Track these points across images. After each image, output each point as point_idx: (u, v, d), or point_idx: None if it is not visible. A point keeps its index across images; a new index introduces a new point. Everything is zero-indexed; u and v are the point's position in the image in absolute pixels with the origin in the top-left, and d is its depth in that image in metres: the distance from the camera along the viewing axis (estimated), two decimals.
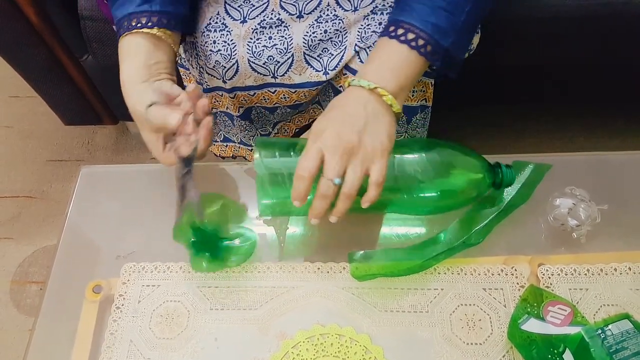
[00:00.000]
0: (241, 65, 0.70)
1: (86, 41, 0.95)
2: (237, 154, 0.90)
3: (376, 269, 0.58)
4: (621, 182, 0.66)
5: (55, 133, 1.41)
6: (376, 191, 0.53)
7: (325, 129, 0.53)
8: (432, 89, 0.76)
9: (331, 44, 0.70)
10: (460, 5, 0.58)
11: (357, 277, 0.58)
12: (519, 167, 0.64)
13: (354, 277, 0.58)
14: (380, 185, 0.53)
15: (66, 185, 1.33)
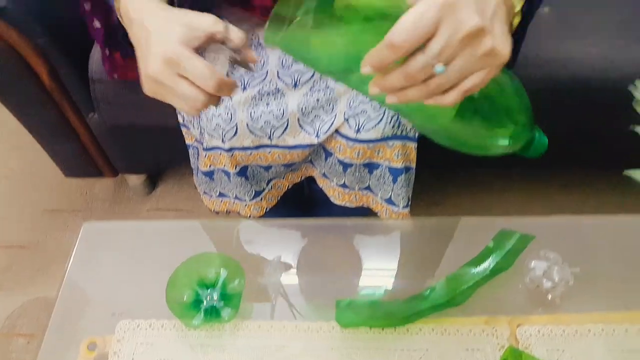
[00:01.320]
0: (240, 128, 0.76)
1: (94, 101, 1.00)
2: (231, 209, 0.93)
3: (361, 319, 0.60)
4: (592, 244, 0.70)
5: (54, 183, 1.43)
6: (459, 98, 0.42)
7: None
8: (415, 152, 0.81)
9: (323, 110, 0.76)
10: None
11: (342, 324, 0.60)
12: (505, 236, 0.67)
13: (339, 323, 0.60)
14: (467, 94, 0.42)
15: (60, 235, 1.34)
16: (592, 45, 0.96)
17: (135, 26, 0.53)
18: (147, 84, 0.52)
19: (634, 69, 0.95)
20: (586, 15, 1.03)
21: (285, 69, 0.74)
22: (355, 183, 0.85)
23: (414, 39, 0.38)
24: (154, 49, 0.49)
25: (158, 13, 0.53)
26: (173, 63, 0.48)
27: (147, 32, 0.51)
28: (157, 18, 0.52)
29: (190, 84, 0.49)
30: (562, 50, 0.97)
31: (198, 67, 0.48)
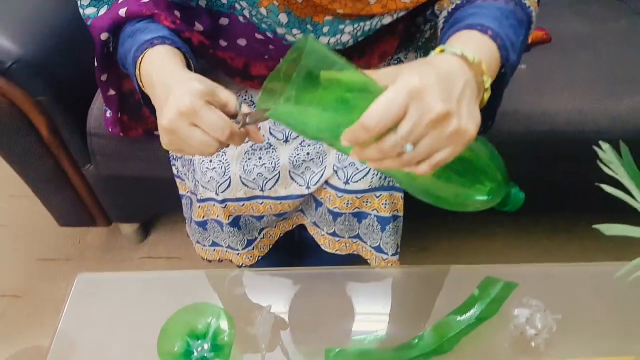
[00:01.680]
0: (233, 181, 0.78)
1: (91, 153, 1.03)
2: (224, 257, 0.95)
3: None
4: (574, 291, 0.72)
5: (48, 232, 1.44)
6: (430, 169, 0.46)
7: (419, 81, 0.43)
8: (402, 201, 0.84)
9: (313, 163, 0.79)
10: (518, 31, 0.58)
11: None
12: (489, 284, 0.70)
13: None
14: (438, 166, 0.46)
15: (53, 284, 1.33)
16: (568, 100, 1.01)
17: (157, 88, 0.57)
18: (164, 135, 0.55)
19: (608, 122, 1.00)
20: (560, 71, 1.09)
21: (277, 125, 0.78)
22: (344, 232, 0.87)
23: (385, 123, 0.43)
24: (171, 99, 0.53)
25: (179, 73, 0.57)
26: (189, 113, 0.52)
27: (168, 87, 0.55)
28: (179, 76, 0.56)
29: (204, 133, 0.53)
30: (539, 105, 1.01)
31: (213, 118, 0.52)
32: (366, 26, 0.69)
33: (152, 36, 0.63)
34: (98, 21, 0.69)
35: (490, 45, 0.53)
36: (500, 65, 0.55)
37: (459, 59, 0.48)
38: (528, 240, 1.40)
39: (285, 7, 0.66)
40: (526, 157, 1.05)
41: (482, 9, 0.58)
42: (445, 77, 0.45)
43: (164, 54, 0.61)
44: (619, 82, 1.05)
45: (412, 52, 0.87)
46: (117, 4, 0.69)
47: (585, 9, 1.33)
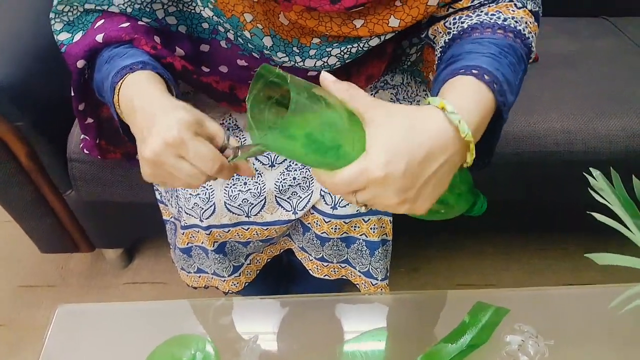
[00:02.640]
0: (218, 207, 0.77)
1: (72, 179, 1.01)
2: (209, 284, 0.93)
3: None
4: (565, 315, 0.72)
5: (30, 258, 1.41)
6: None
7: (384, 173, 0.45)
8: (391, 225, 0.83)
9: (299, 188, 0.77)
10: (517, 68, 0.57)
11: None
12: (480, 310, 0.69)
13: None
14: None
15: (35, 312, 1.30)
16: (556, 121, 1.01)
17: (139, 114, 0.54)
18: (146, 167, 0.52)
19: (597, 143, 1.00)
20: (548, 91, 1.09)
21: None
22: (333, 257, 0.86)
23: (346, 191, 0.47)
24: (157, 129, 0.50)
25: (164, 100, 0.55)
26: (176, 144, 0.49)
27: (152, 119, 0.52)
28: (164, 104, 0.54)
29: (191, 165, 0.51)
30: (528, 126, 1.01)
31: (201, 149, 0.50)
32: (353, 49, 0.68)
33: (132, 61, 0.60)
34: (73, 48, 0.67)
35: (486, 96, 0.52)
36: (495, 109, 0.54)
37: (451, 130, 0.48)
38: (518, 260, 1.40)
39: (271, 29, 0.65)
40: (515, 177, 1.05)
41: (480, 45, 0.57)
42: (419, 158, 0.46)
43: (145, 80, 0.58)
44: (608, 102, 1.05)
45: (398, 74, 0.86)
46: (93, 30, 0.66)
47: (572, 27, 1.34)
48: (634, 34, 1.30)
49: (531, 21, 0.62)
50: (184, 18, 0.69)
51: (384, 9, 0.64)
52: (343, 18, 0.64)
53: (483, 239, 1.44)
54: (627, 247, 0.55)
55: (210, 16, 0.66)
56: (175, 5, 0.68)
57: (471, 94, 0.51)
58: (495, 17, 0.60)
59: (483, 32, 0.59)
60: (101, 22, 0.67)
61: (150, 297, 1.31)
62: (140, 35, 0.65)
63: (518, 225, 1.32)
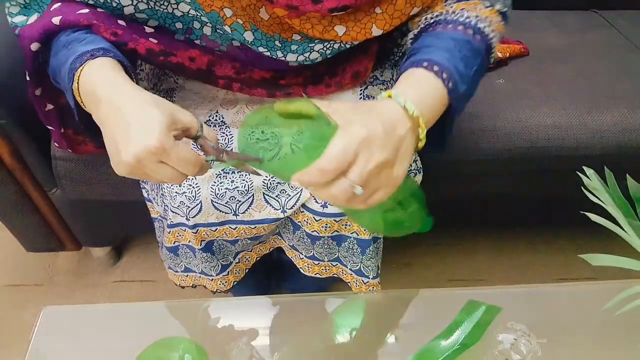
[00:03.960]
0: (204, 205, 0.75)
1: (56, 178, 0.99)
2: (197, 283, 0.92)
3: None
4: (557, 313, 0.71)
5: (16, 256, 1.39)
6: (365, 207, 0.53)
7: (368, 132, 0.49)
8: None
9: (288, 186, 0.76)
10: (471, 61, 0.61)
11: None
12: (472, 308, 0.68)
13: None
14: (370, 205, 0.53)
15: (22, 312, 1.29)
16: (547, 115, 1.00)
17: (105, 106, 0.53)
18: (123, 167, 0.52)
19: (588, 138, 0.99)
20: (539, 86, 1.08)
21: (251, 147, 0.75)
22: (324, 255, 0.85)
23: (341, 165, 0.48)
24: (137, 137, 0.50)
25: (132, 93, 0.53)
26: (158, 153, 0.50)
27: (124, 116, 0.51)
28: (133, 100, 0.53)
29: (172, 169, 0.51)
30: (518, 121, 1.01)
31: (182, 155, 0.51)
32: (336, 44, 0.69)
33: (92, 47, 0.58)
34: (27, 30, 0.64)
35: (434, 83, 0.57)
36: (447, 98, 0.58)
37: (401, 110, 0.53)
38: (510, 255, 1.40)
39: (251, 24, 0.65)
40: (506, 173, 1.05)
41: (437, 39, 0.61)
42: (388, 128, 0.51)
43: (108, 67, 0.57)
44: (598, 97, 1.05)
45: (388, 70, 0.85)
46: (49, 12, 0.64)
47: (562, 20, 1.33)
48: (624, 28, 1.30)
49: (497, 20, 0.65)
50: (156, 17, 0.67)
51: (364, 16, 0.65)
52: (324, 24, 0.65)
53: (474, 234, 1.44)
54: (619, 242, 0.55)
55: (186, 12, 0.64)
56: (146, 3, 0.65)
57: (418, 82, 0.57)
58: (458, 15, 0.64)
59: (445, 27, 0.63)
60: (58, 5, 0.64)
61: (139, 296, 1.30)
62: (99, 22, 0.62)
63: (509, 221, 1.32)
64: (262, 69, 0.73)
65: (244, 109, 0.81)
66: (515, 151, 0.99)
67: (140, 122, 0.50)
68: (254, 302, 0.76)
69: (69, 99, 0.61)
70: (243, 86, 0.75)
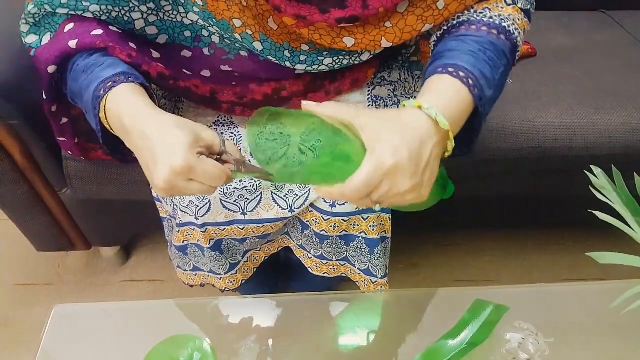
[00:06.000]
0: (213, 204, 0.76)
1: (67, 177, 1.00)
2: (206, 282, 0.92)
3: None
4: (565, 312, 0.71)
5: (26, 257, 1.40)
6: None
7: (395, 161, 0.50)
8: (390, 222, 0.82)
9: (296, 186, 0.77)
10: (497, 64, 0.60)
11: None
12: (480, 307, 0.68)
13: None
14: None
15: (32, 311, 1.30)
16: (555, 116, 1.00)
17: (134, 136, 0.56)
18: (159, 191, 0.55)
19: (596, 138, 0.99)
20: (546, 86, 1.08)
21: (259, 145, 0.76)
22: (332, 254, 0.85)
23: (361, 195, 0.51)
24: (163, 159, 0.52)
25: (156, 118, 0.56)
26: (184, 172, 0.52)
27: (150, 142, 0.54)
28: (157, 125, 0.55)
29: (201, 184, 0.54)
30: (526, 121, 1.00)
31: (209, 170, 0.53)
32: (345, 60, 0.70)
33: (113, 72, 0.60)
34: (44, 52, 0.65)
35: (461, 90, 0.56)
36: (473, 104, 0.58)
37: (431, 123, 0.53)
38: (517, 256, 1.40)
39: (261, 34, 0.65)
40: (514, 173, 1.04)
41: (462, 43, 0.60)
42: (415, 151, 0.51)
43: (131, 94, 0.58)
44: (606, 97, 1.04)
45: (395, 70, 0.85)
46: (63, 34, 0.64)
47: (569, 21, 1.33)
48: (632, 28, 1.30)
49: (520, 17, 0.65)
50: (165, 27, 0.68)
51: (374, 29, 0.65)
52: (333, 36, 0.65)
53: (482, 234, 1.44)
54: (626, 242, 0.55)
55: (195, 21, 0.65)
56: (156, 14, 0.66)
57: (445, 90, 0.56)
58: (482, 15, 0.63)
59: (469, 28, 0.62)
60: (71, 27, 0.65)
61: (148, 295, 1.31)
62: (114, 43, 0.63)
63: (517, 221, 1.32)
64: (266, 80, 0.74)
65: None
66: (522, 151, 0.99)
67: (164, 145, 0.53)
68: (262, 301, 0.76)
69: (91, 122, 0.63)
70: (245, 109, 0.77)
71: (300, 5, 0.61)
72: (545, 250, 1.40)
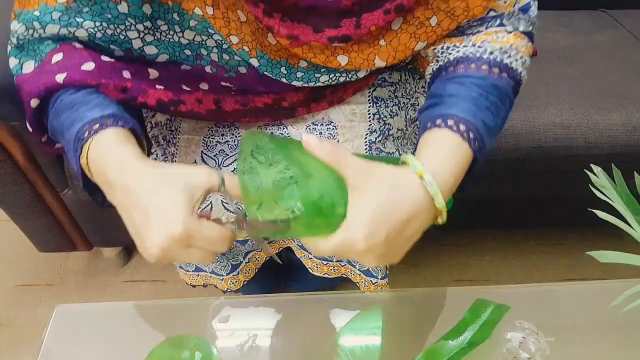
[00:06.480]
0: (215, 205, 0.76)
1: (68, 178, 1.00)
2: (208, 282, 0.93)
3: None
4: (566, 312, 0.71)
5: (28, 257, 1.41)
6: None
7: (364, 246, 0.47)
8: None
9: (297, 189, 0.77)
10: (499, 108, 0.58)
11: None
12: (480, 307, 0.68)
13: None
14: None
15: (33, 311, 1.30)
16: (555, 115, 1.00)
17: (119, 191, 0.50)
18: (150, 258, 0.49)
19: (597, 138, 0.99)
20: (546, 86, 1.08)
21: (260, 147, 0.76)
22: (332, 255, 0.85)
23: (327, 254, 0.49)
24: (157, 224, 0.46)
25: (145, 173, 0.49)
26: (183, 239, 0.47)
27: (139, 201, 0.48)
28: (147, 181, 0.49)
29: (201, 250, 0.49)
30: (526, 121, 1.01)
31: (209, 235, 0.48)
32: (342, 77, 0.68)
33: (101, 114, 0.54)
34: (27, 84, 0.59)
35: (461, 146, 0.54)
36: (473, 156, 0.55)
37: (427, 199, 0.50)
38: (517, 256, 1.40)
39: (258, 51, 0.64)
40: (514, 173, 1.05)
41: (462, 87, 0.57)
42: (398, 227, 0.49)
43: (117, 141, 0.52)
44: (606, 96, 1.04)
45: (396, 71, 0.85)
46: (50, 65, 0.58)
47: (569, 21, 1.33)
48: (633, 27, 1.30)
49: (524, 44, 0.62)
50: (164, 47, 0.64)
51: (367, 48, 0.63)
52: (327, 54, 0.63)
53: (482, 235, 1.44)
54: (627, 242, 0.55)
55: (192, 39, 0.63)
56: (152, 33, 0.63)
57: (447, 150, 0.54)
58: (481, 51, 0.60)
59: (468, 67, 0.59)
60: (59, 58, 0.58)
61: (149, 295, 1.31)
62: (107, 80, 0.58)
63: (517, 221, 1.32)
64: (265, 92, 0.72)
65: None
66: (522, 151, 0.99)
67: (159, 210, 0.47)
68: (263, 301, 0.76)
69: (71, 162, 0.56)
70: (250, 119, 0.75)
71: (293, 24, 0.60)
72: (546, 251, 1.40)
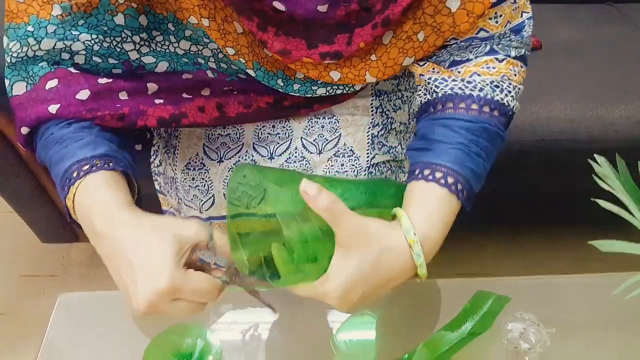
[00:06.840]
0: (217, 199, 0.76)
1: None
2: None
3: None
4: (567, 304, 0.71)
5: (31, 248, 1.41)
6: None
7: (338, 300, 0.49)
8: None
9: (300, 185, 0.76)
10: (489, 151, 0.58)
11: None
12: (481, 298, 0.68)
13: None
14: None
15: (37, 301, 1.31)
16: (559, 109, 1.00)
17: (105, 241, 0.49)
18: (137, 312, 0.47)
19: (601, 131, 0.99)
20: (551, 80, 1.08)
21: (261, 141, 0.76)
22: None
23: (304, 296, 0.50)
24: (144, 278, 0.46)
25: (131, 230, 0.49)
26: (169, 293, 0.46)
27: (126, 254, 0.47)
28: (133, 234, 0.48)
29: (189, 303, 0.48)
30: (530, 114, 1.00)
31: (197, 287, 0.47)
32: (338, 90, 0.68)
33: (92, 154, 0.53)
34: (20, 109, 0.57)
35: (450, 200, 0.55)
36: (460, 206, 0.56)
37: (410, 267, 0.52)
38: (519, 250, 1.40)
39: (254, 62, 0.63)
40: (517, 167, 1.04)
41: (451, 132, 0.57)
42: (374, 289, 0.50)
43: (105, 186, 0.51)
44: (611, 90, 1.04)
45: None
46: (44, 92, 0.56)
47: (575, 14, 1.32)
48: (639, 20, 1.29)
49: (515, 71, 0.61)
50: (162, 55, 0.63)
51: (359, 62, 0.63)
52: (320, 70, 0.63)
53: (484, 229, 1.43)
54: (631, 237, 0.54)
55: (187, 49, 0.62)
56: (148, 45, 0.61)
57: (436, 205, 0.54)
58: (471, 87, 0.59)
59: (457, 108, 0.58)
60: (54, 85, 0.57)
61: None
62: (103, 111, 0.57)
63: (519, 215, 1.32)
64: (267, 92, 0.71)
65: None
66: (526, 145, 0.99)
67: (145, 262, 0.46)
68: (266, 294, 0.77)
69: (60, 195, 0.55)
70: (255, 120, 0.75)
71: (288, 39, 0.59)
72: (548, 246, 1.40)
